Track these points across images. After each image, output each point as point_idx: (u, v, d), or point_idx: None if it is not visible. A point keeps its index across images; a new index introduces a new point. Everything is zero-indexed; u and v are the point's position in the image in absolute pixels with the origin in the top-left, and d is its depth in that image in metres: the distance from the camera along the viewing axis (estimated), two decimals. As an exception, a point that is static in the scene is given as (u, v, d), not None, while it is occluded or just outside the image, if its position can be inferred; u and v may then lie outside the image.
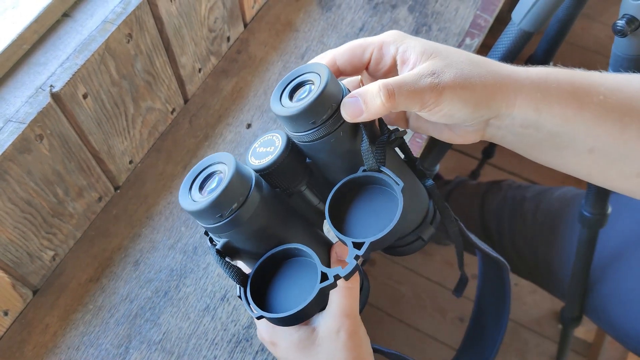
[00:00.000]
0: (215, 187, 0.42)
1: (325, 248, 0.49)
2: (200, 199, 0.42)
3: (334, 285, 0.43)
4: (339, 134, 0.44)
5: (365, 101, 0.42)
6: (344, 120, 0.44)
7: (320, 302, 0.44)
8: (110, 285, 0.72)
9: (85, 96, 0.66)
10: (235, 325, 0.69)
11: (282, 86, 0.45)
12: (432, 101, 0.42)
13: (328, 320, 0.46)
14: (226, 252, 0.45)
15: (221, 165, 0.44)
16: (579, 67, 0.48)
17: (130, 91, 0.72)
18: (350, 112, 0.43)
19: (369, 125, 0.45)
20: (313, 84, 0.44)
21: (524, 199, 1.12)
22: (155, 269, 0.73)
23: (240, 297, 0.46)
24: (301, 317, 0.43)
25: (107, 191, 0.77)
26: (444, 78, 0.42)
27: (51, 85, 0.62)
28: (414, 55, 0.44)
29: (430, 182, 0.50)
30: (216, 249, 0.44)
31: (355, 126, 0.45)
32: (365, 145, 0.44)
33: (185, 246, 0.75)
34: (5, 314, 0.68)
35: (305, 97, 0.43)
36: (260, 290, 0.46)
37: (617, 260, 0.95)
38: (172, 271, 0.73)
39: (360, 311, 0.50)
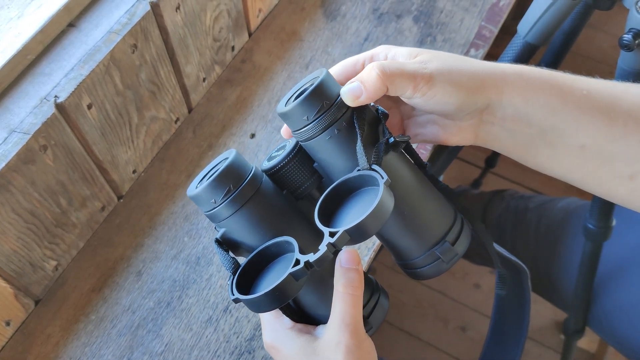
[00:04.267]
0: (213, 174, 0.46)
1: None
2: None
3: (304, 271, 0.42)
4: (334, 131, 0.45)
5: (362, 81, 0.44)
6: (339, 118, 0.45)
7: (295, 289, 0.43)
8: (112, 296, 0.72)
9: (89, 106, 0.65)
10: (237, 337, 0.69)
11: (290, 94, 0.48)
12: (423, 83, 0.44)
13: (329, 330, 0.46)
14: (225, 243, 0.47)
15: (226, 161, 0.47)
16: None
17: (134, 101, 0.72)
18: (350, 94, 0.45)
19: (364, 125, 0.46)
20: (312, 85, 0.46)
21: (526, 209, 1.11)
22: (158, 280, 0.73)
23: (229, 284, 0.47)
24: (273, 302, 0.43)
25: (111, 201, 0.76)
26: (431, 65, 0.45)
27: (56, 96, 0.62)
28: (402, 58, 0.47)
29: (442, 185, 0.50)
30: (215, 238, 0.47)
31: (352, 126, 0.46)
32: (358, 144, 0.45)
33: (188, 257, 0.74)
34: (7, 324, 0.67)
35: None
36: (253, 283, 0.47)
37: (622, 273, 0.95)
38: (175, 282, 0.73)
39: (374, 330, 0.49)
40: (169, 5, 0.71)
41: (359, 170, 0.45)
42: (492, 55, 0.95)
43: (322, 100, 0.45)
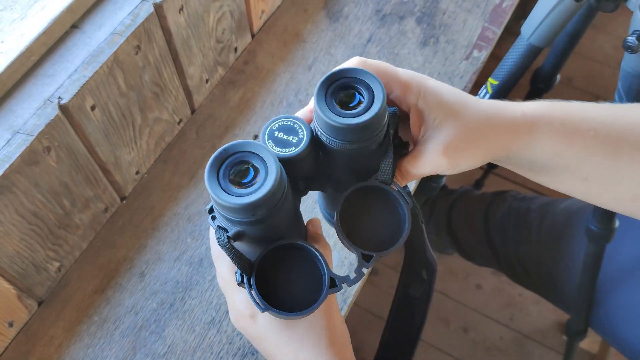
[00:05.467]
0: (254, 185, 0.40)
1: (303, 231, 0.51)
2: (235, 196, 0.40)
3: (339, 289, 0.44)
4: (372, 146, 0.45)
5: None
6: (384, 135, 0.45)
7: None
8: (115, 297, 0.72)
9: (93, 108, 0.65)
10: (240, 338, 0.69)
11: (327, 84, 0.43)
12: (448, 168, 0.47)
13: None
14: (234, 238, 0.44)
15: (253, 157, 0.41)
16: (585, 77, 0.50)
17: (137, 102, 0.72)
18: None
19: (396, 142, 0.47)
20: (362, 94, 0.43)
21: (528, 211, 1.11)
22: (161, 281, 0.73)
23: (241, 283, 0.44)
24: (303, 316, 0.45)
25: (114, 202, 0.76)
26: (453, 149, 0.46)
27: (59, 97, 0.62)
28: (430, 119, 0.46)
29: (407, 188, 0.53)
30: (227, 236, 0.42)
31: (385, 141, 0.46)
32: (389, 160, 0.45)
33: (191, 258, 0.74)
34: (10, 325, 0.67)
35: (359, 108, 0.42)
36: (258, 276, 0.45)
37: (625, 274, 0.95)
38: (178, 283, 0.73)
39: None
40: (172, 7, 0.71)
41: (377, 180, 0.45)
42: (495, 56, 0.95)
43: (385, 121, 0.44)
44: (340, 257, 0.73)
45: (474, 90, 0.86)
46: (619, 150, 0.47)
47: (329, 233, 0.72)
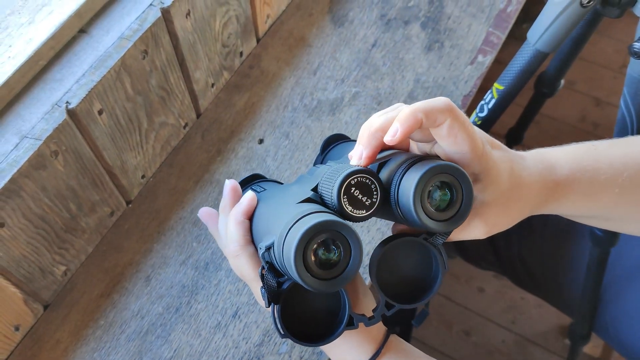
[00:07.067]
0: (337, 269, 0.41)
1: None
2: (318, 279, 0.41)
3: (355, 327, 0.46)
4: None
5: None
6: None
7: None
8: (121, 301, 0.72)
9: (100, 112, 0.66)
10: (246, 343, 0.69)
11: (426, 178, 0.41)
12: (478, 237, 0.48)
13: None
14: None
15: (339, 237, 0.41)
16: (587, 81, 0.52)
17: (144, 106, 0.72)
18: None
19: None
20: (453, 190, 0.42)
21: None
22: (167, 285, 0.73)
23: (264, 296, 0.46)
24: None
25: (120, 206, 0.76)
26: (492, 224, 0.47)
27: (67, 102, 0.62)
28: (483, 193, 0.46)
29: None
30: (278, 281, 0.46)
31: None
32: (448, 234, 0.45)
33: (197, 262, 0.75)
34: (16, 329, 0.67)
35: (451, 211, 0.42)
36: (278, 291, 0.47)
37: (629, 279, 0.95)
38: (184, 287, 0.73)
39: None
40: (179, 11, 0.71)
41: (425, 239, 0.45)
42: (499, 60, 0.95)
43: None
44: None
45: (479, 95, 0.86)
46: None
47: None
